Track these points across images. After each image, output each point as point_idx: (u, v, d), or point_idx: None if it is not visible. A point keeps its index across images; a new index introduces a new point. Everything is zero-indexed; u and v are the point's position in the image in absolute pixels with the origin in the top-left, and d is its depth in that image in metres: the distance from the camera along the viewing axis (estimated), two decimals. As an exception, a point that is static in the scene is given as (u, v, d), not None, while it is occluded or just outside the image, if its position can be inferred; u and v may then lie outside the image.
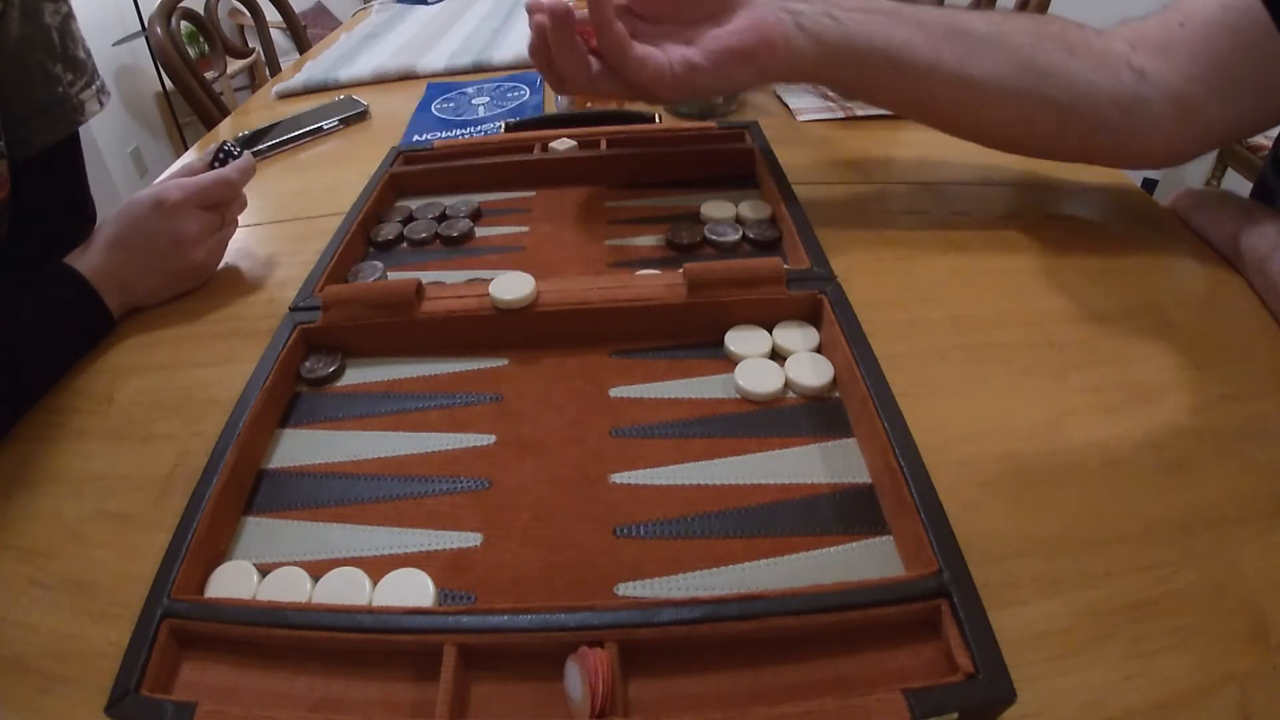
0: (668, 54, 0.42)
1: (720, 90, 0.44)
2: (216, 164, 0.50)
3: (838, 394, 0.36)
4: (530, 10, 0.41)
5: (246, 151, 0.51)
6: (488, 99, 0.80)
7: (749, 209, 0.49)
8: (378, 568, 0.29)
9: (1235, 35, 0.39)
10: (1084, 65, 0.41)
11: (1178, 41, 0.40)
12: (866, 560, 0.29)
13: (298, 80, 0.89)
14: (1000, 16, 0.42)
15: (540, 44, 0.42)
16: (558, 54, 0.41)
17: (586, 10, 0.40)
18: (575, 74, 0.42)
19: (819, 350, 0.38)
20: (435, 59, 0.91)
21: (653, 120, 0.61)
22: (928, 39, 0.41)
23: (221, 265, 0.51)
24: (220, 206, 0.50)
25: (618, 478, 0.33)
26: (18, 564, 0.32)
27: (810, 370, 0.36)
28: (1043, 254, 0.45)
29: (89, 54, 0.53)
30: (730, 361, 0.37)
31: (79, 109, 0.51)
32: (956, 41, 0.41)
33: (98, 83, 0.53)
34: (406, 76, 0.90)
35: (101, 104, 0.53)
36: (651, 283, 0.40)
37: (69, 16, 0.51)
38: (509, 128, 0.64)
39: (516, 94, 0.80)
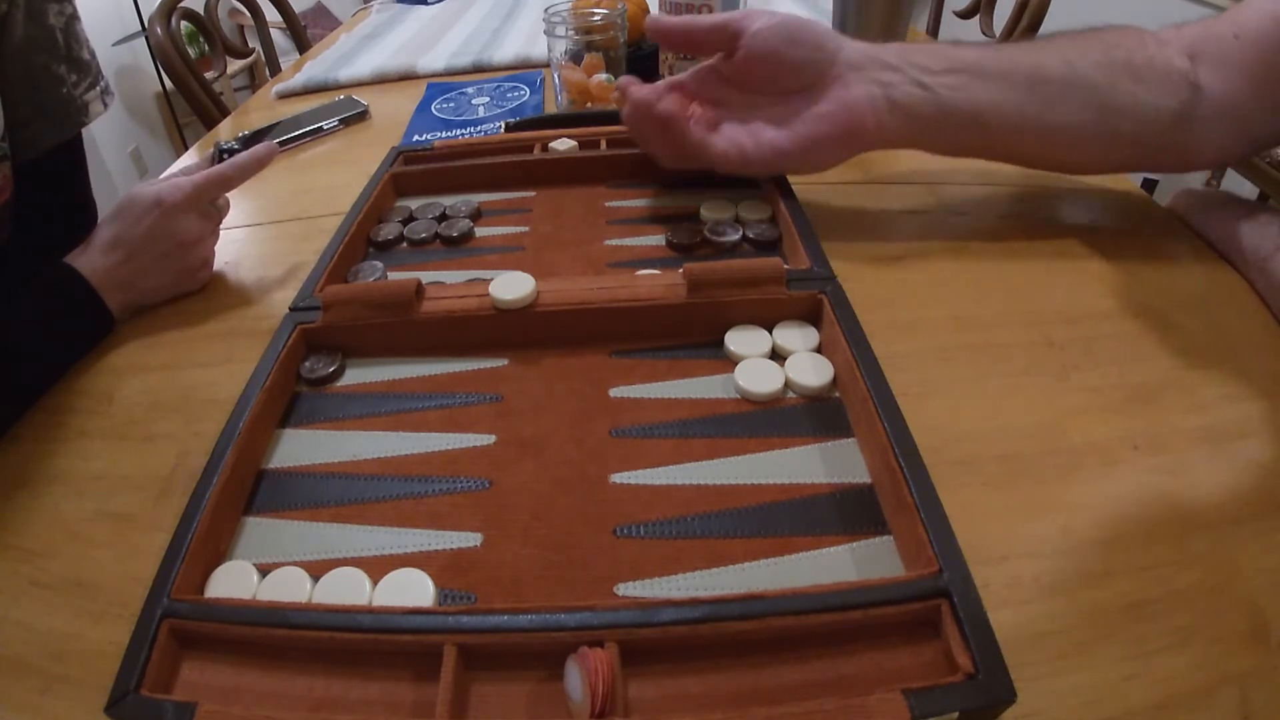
0: (756, 135, 0.43)
1: (807, 170, 0.47)
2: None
3: (838, 394, 0.36)
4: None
5: (272, 141, 0.51)
6: (488, 99, 0.80)
7: (749, 209, 0.49)
8: (378, 568, 0.29)
9: None
10: (1150, 91, 0.41)
11: (1232, 54, 0.41)
12: (866, 560, 0.29)
13: (298, 80, 0.88)
14: (1075, 51, 0.42)
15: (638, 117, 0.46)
16: (650, 138, 0.47)
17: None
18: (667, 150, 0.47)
19: (819, 350, 0.38)
20: (435, 59, 0.91)
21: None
22: (1012, 94, 0.42)
23: (223, 265, 0.51)
24: (217, 206, 0.50)
25: (618, 478, 0.33)
26: (18, 564, 0.32)
27: (810, 370, 0.36)
28: (1043, 254, 0.45)
29: (93, 55, 0.53)
30: (730, 361, 0.37)
31: (83, 110, 0.51)
32: (1038, 91, 0.42)
33: (102, 84, 0.53)
34: (406, 76, 0.89)
35: (105, 105, 0.53)
36: (651, 283, 0.40)
37: (73, 18, 0.51)
38: (509, 128, 0.64)
39: (516, 94, 0.80)
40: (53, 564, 0.32)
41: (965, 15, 1.26)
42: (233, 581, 0.29)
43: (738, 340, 0.38)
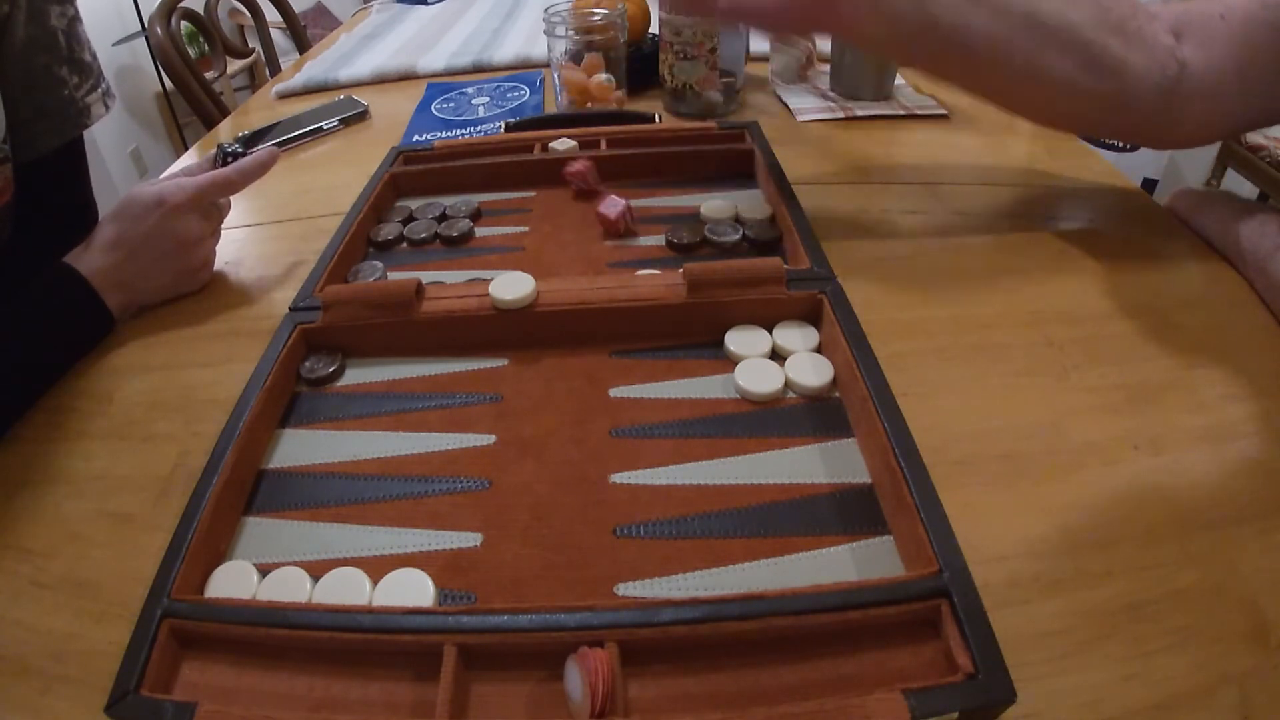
0: None
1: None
2: (219, 166, 0.50)
3: (838, 394, 0.36)
4: None
5: (271, 144, 0.51)
6: (488, 99, 0.80)
7: (749, 209, 0.49)
8: (378, 568, 0.29)
9: (1273, 34, 0.39)
10: (1137, 60, 0.41)
11: (1218, 34, 0.41)
12: (866, 560, 0.29)
13: (298, 80, 0.88)
14: (1069, 2, 0.41)
15: None
16: None
17: None
18: None
19: (819, 350, 0.38)
20: (435, 59, 0.91)
21: (653, 120, 0.61)
22: (1006, 30, 0.40)
23: (223, 265, 0.51)
24: (218, 207, 0.50)
25: (618, 478, 0.33)
26: (18, 564, 0.32)
27: (810, 370, 0.36)
28: (1042, 254, 0.45)
29: (95, 56, 0.53)
30: (730, 361, 0.37)
31: (85, 112, 0.51)
32: (1032, 34, 0.40)
33: (103, 85, 0.53)
34: (406, 76, 0.89)
35: (107, 107, 0.53)
36: (651, 283, 0.40)
37: (75, 19, 0.51)
38: (509, 128, 0.64)
39: (516, 94, 0.80)
40: (53, 564, 0.32)
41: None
42: (233, 581, 0.29)
43: (738, 340, 0.38)
